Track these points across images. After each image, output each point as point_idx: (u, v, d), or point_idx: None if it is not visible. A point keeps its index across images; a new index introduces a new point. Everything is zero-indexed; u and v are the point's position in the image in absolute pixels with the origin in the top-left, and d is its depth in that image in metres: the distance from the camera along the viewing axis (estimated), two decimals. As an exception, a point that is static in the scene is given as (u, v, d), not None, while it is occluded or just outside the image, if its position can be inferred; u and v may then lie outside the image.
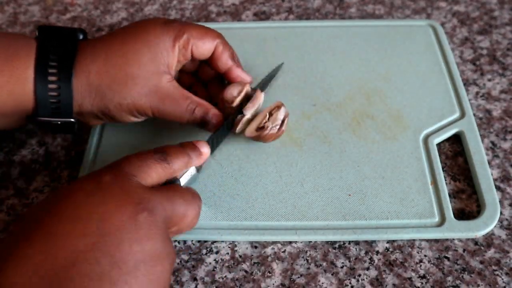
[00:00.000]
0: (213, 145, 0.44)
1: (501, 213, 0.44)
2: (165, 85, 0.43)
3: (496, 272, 0.40)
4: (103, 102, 0.42)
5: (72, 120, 0.43)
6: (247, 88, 0.46)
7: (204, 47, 0.44)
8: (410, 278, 0.40)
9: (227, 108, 0.46)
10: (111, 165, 0.35)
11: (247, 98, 0.47)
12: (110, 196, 0.32)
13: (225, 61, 0.46)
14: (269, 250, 0.42)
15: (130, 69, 0.42)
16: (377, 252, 0.42)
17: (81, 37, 0.44)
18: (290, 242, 0.43)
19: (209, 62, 0.46)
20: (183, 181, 0.39)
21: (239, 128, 0.46)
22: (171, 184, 0.38)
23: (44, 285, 0.28)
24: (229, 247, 0.43)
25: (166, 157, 0.37)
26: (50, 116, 0.42)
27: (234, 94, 0.46)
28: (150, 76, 0.42)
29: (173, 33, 0.43)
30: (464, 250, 0.42)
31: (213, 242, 0.43)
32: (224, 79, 0.49)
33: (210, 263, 0.42)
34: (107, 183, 0.33)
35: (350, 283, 0.40)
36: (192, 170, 0.40)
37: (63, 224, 0.30)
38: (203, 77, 0.50)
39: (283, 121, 0.46)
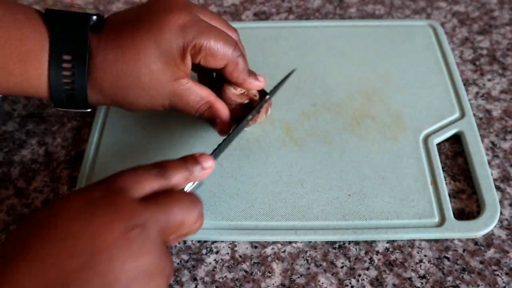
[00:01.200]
0: (219, 152, 0.43)
1: (501, 213, 0.44)
2: (177, 89, 0.42)
3: (496, 272, 0.40)
4: (117, 104, 0.43)
5: (89, 110, 0.44)
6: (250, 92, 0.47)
7: (213, 63, 0.42)
8: (410, 278, 0.40)
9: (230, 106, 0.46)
10: (104, 179, 0.34)
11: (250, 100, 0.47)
12: (100, 212, 0.31)
13: (236, 77, 0.44)
14: (269, 250, 0.42)
15: (143, 84, 0.41)
16: (377, 252, 0.42)
17: (94, 18, 0.41)
18: (290, 242, 0.43)
19: (223, 72, 0.44)
20: (186, 189, 0.38)
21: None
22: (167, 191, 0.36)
23: None
24: (229, 247, 0.43)
25: (164, 173, 0.35)
26: (66, 107, 0.43)
27: (236, 93, 0.46)
28: (164, 85, 0.42)
29: (186, 42, 0.41)
30: (464, 250, 0.42)
31: (213, 242, 0.43)
32: None
33: (210, 263, 0.42)
34: (98, 199, 0.32)
35: (350, 283, 0.40)
36: None
37: (53, 243, 0.30)
38: (232, 80, 0.47)
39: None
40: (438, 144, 0.49)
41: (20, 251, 0.29)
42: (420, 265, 0.41)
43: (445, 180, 0.46)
